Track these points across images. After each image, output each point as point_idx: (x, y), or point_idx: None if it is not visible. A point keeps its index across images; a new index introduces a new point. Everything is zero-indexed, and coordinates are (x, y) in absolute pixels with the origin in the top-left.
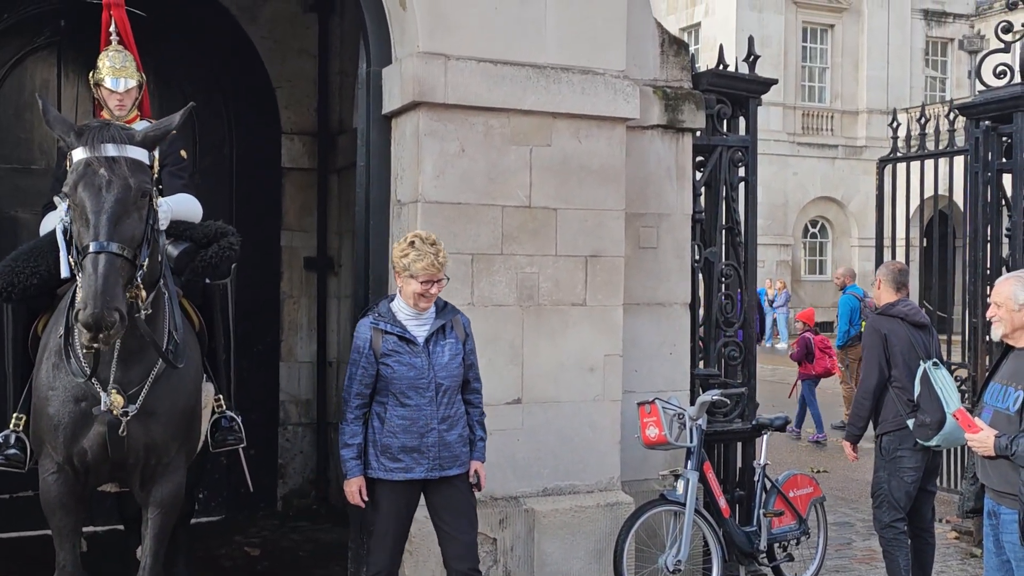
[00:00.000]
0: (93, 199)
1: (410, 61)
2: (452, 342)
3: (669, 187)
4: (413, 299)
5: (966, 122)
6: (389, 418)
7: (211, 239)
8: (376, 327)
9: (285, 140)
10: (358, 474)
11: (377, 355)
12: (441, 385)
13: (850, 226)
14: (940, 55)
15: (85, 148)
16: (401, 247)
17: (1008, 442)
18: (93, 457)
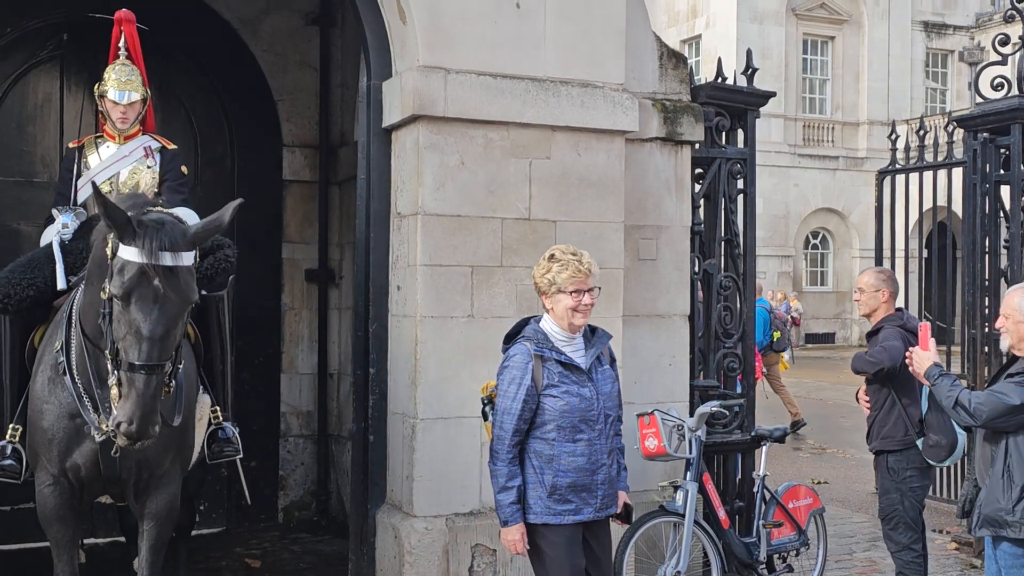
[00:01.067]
0: (145, 313)
1: (410, 75)
2: (608, 368)
3: (668, 199)
4: (567, 316)
5: (964, 134)
6: (558, 455)
7: (207, 251)
8: (539, 354)
9: (286, 152)
10: (519, 520)
11: (539, 386)
12: (608, 416)
13: (851, 237)
14: (940, 67)
15: (141, 252)
16: (541, 265)
17: (938, 375)
18: (87, 473)
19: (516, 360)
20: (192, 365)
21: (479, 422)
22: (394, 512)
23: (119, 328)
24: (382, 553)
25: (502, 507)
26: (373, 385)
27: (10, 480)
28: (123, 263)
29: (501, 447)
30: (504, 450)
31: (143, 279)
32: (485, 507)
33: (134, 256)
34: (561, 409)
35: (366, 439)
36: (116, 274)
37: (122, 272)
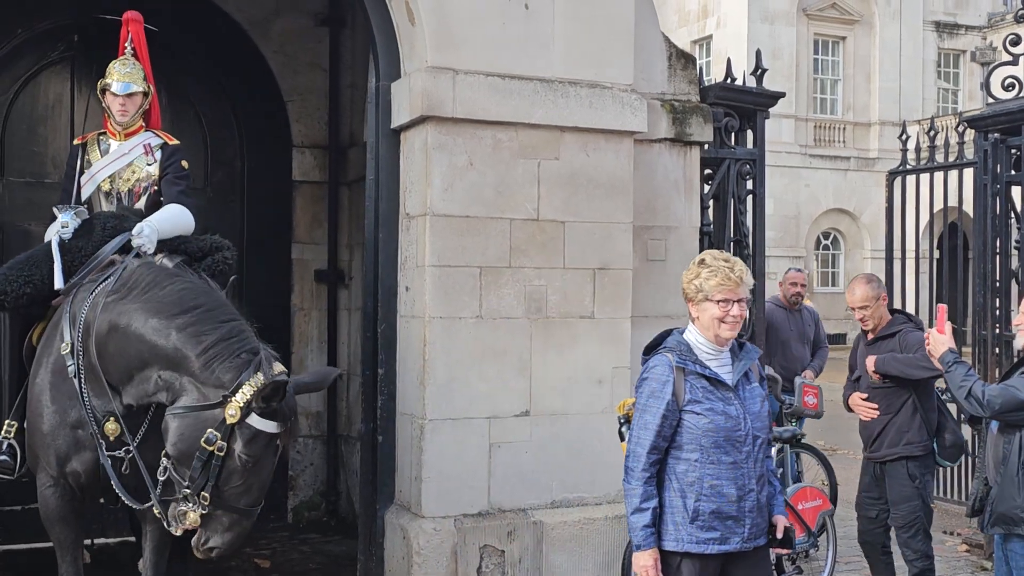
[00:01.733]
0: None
1: (419, 76)
2: (756, 386)
3: (677, 200)
4: (713, 327)
5: (975, 134)
6: (701, 478)
7: (206, 253)
8: (681, 367)
9: (296, 153)
10: (652, 545)
11: (680, 401)
12: (757, 438)
13: (863, 238)
14: (952, 67)
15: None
16: (689, 271)
17: (953, 361)
18: (87, 480)
19: (656, 372)
20: None
21: (487, 423)
22: (403, 513)
23: (231, 479)
24: (391, 554)
25: (634, 529)
26: (382, 386)
27: (4, 476)
28: (255, 433)
29: (636, 464)
30: (639, 468)
31: (270, 446)
32: (493, 508)
33: (272, 428)
34: (704, 427)
35: (375, 440)
36: (244, 442)
37: (251, 441)
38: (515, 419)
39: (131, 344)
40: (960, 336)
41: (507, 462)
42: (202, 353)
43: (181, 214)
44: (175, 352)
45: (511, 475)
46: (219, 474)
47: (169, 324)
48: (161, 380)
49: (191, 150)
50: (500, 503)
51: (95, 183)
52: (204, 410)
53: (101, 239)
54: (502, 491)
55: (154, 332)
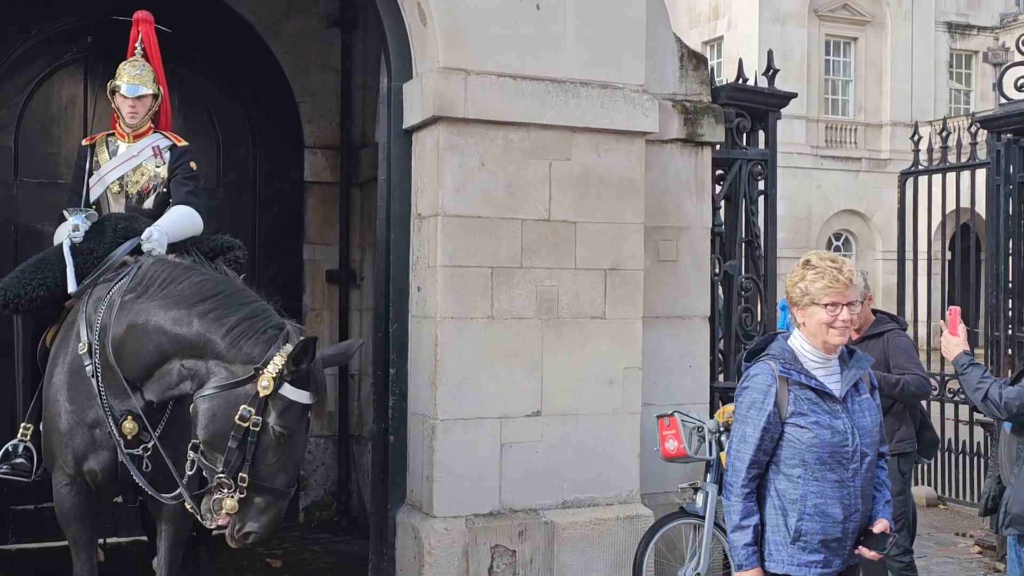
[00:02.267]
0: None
1: (430, 76)
2: (867, 397)
3: (688, 200)
4: (820, 333)
5: (988, 135)
6: (804, 496)
7: (216, 253)
8: (784, 376)
9: (308, 154)
10: (755, 564)
11: (783, 413)
12: (866, 455)
13: (874, 239)
14: (964, 67)
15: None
16: (795, 272)
17: (968, 363)
18: (104, 479)
19: (757, 381)
20: None
21: (499, 423)
22: (414, 512)
23: (266, 456)
24: (402, 553)
25: (735, 548)
26: (393, 386)
27: (21, 478)
28: (289, 403)
29: (736, 480)
30: (739, 483)
31: (304, 417)
32: (505, 508)
33: (305, 399)
34: (808, 442)
35: (386, 439)
36: (279, 413)
37: (285, 412)
38: (526, 419)
39: (150, 339)
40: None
41: (518, 462)
42: (227, 333)
43: (190, 216)
44: (198, 338)
45: (522, 475)
46: (254, 452)
47: (190, 313)
48: (184, 369)
49: (203, 151)
50: (511, 503)
51: (104, 185)
52: (235, 387)
53: (112, 241)
54: (513, 491)
55: (175, 323)
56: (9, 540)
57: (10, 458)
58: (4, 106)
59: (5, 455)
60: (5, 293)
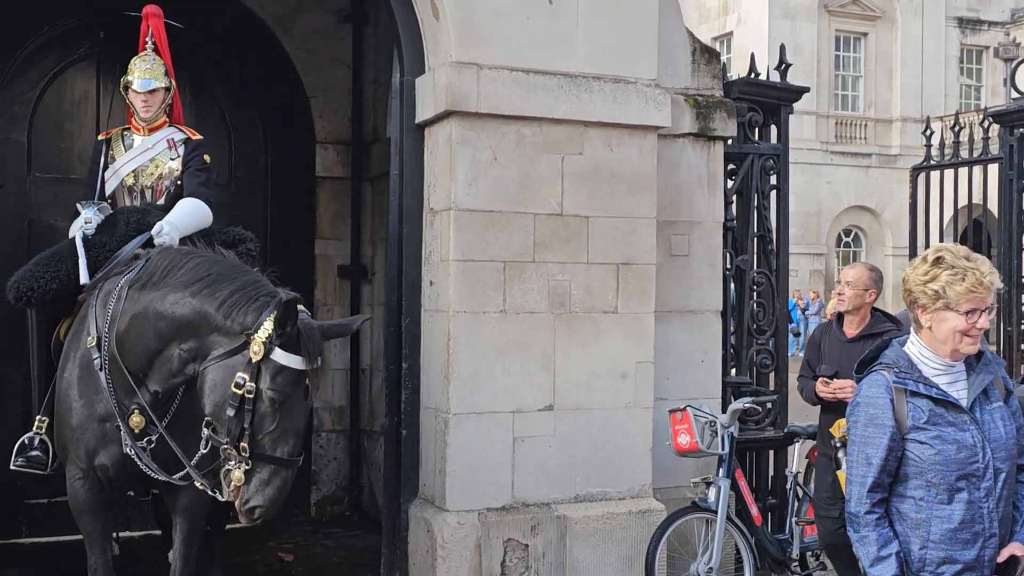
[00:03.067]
0: (297, 413)
1: (443, 70)
2: (999, 405)
3: (700, 195)
4: (951, 341)
5: (1000, 130)
6: (928, 520)
7: (228, 245)
8: (901, 387)
9: (319, 149)
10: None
11: (903, 428)
12: (1000, 472)
13: (884, 235)
14: (975, 63)
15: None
16: (922, 269)
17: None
18: (115, 472)
19: (871, 396)
20: None
21: (511, 417)
22: (427, 506)
23: (263, 423)
24: (415, 547)
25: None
26: (406, 380)
27: (37, 471)
28: (280, 367)
29: (860, 508)
30: (863, 511)
31: (299, 383)
32: (517, 502)
33: (297, 364)
34: (931, 460)
35: (399, 434)
36: (271, 377)
37: (277, 377)
38: (539, 413)
39: (150, 326)
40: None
41: (531, 456)
42: (220, 305)
43: (199, 208)
44: (194, 315)
45: (535, 469)
46: (252, 419)
47: (185, 294)
48: (184, 352)
49: (215, 147)
50: (524, 497)
51: (119, 178)
52: (232, 355)
53: (125, 234)
54: (526, 485)
55: (172, 306)
56: (23, 534)
57: (26, 451)
58: (17, 102)
59: (21, 448)
60: (19, 286)
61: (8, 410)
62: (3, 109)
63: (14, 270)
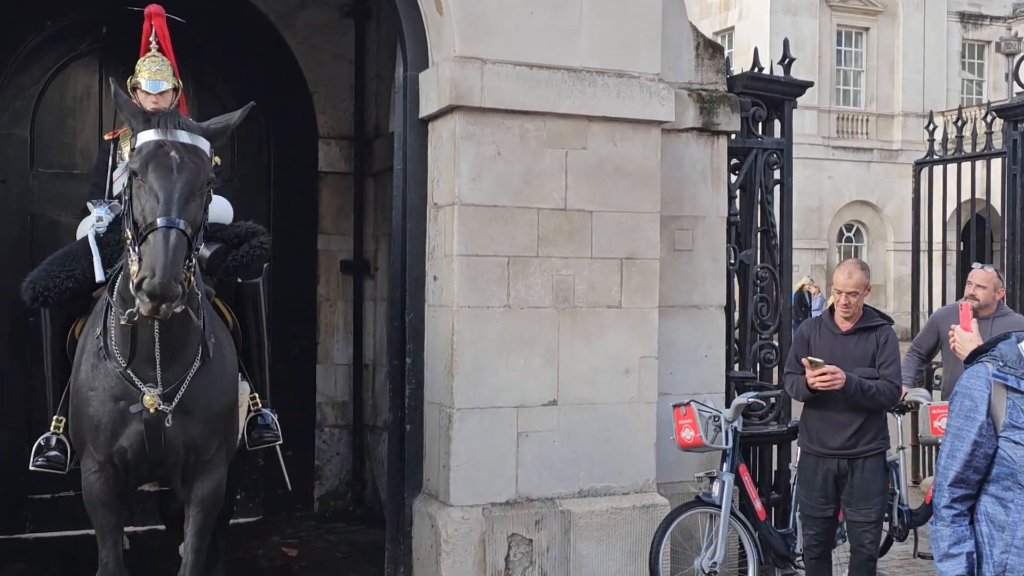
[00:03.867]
0: (164, 179)
1: (447, 65)
2: None
3: (704, 190)
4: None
5: (1003, 124)
6: (1015, 525)
7: (242, 239)
8: (1001, 381)
9: (322, 144)
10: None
11: (997, 425)
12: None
13: (885, 230)
14: (977, 58)
15: (158, 131)
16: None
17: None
18: (133, 455)
19: (970, 386)
20: (233, 351)
21: (515, 412)
22: (431, 501)
23: (138, 202)
24: (419, 542)
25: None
26: (410, 375)
27: (55, 471)
28: (141, 144)
29: (940, 499)
30: (942, 504)
31: (160, 151)
32: (521, 497)
33: (152, 136)
34: (1022, 462)
35: (402, 429)
36: (136, 155)
37: (140, 151)
38: (543, 408)
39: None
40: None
41: (535, 451)
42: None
43: (222, 203)
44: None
45: (539, 464)
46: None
47: None
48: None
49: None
50: (528, 492)
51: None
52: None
53: None
54: (530, 480)
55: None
56: (27, 529)
57: (43, 451)
58: (20, 97)
59: (39, 449)
60: (35, 286)
61: (12, 408)
62: (5, 105)
63: (18, 265)
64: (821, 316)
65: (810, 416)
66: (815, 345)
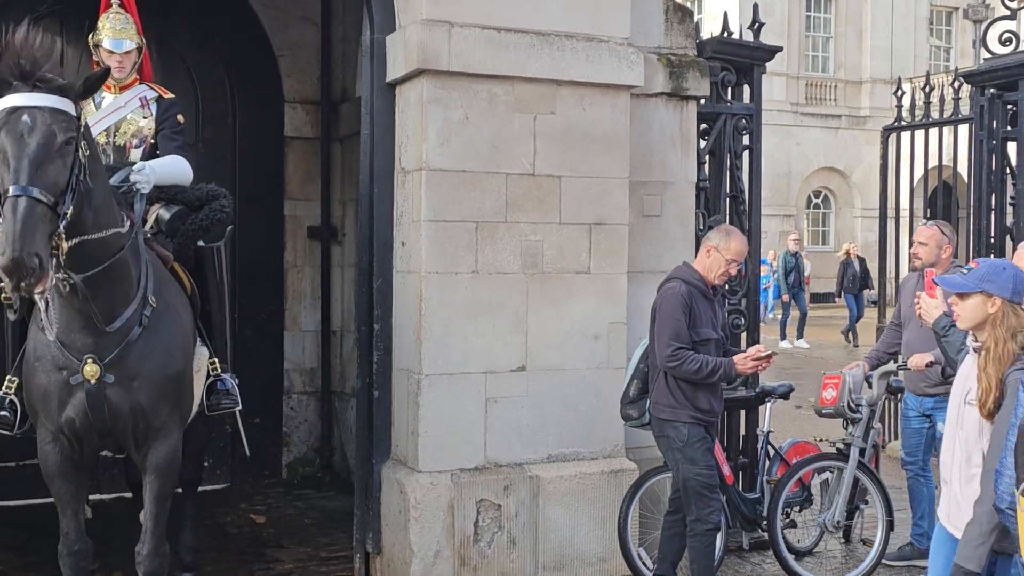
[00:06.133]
0: (15, 144)
1: (414, 28)
2: None
3: (673, 155)
4: None
5: (971, 90)
6: None
7: (202, 202)
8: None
9: (288, 109)
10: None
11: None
12: None
13: (853, 196)
14: (945, 24)
15: (16, 96)
16: None
17: (948, 325)
18: (81, 425)
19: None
20: (188, 316)
21: (484, 378)
22: (399, 467)
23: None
24: (387, 508)
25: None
26: (378, 341)
27: (5, 432)
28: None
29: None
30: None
31: (12, 117)
32: (490, 462)
33: (9, 101)
34: None
35: (371, 395)
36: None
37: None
38: (511, 374)
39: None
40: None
41: (503, 417)
42: None
43: (180, 163)
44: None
45: (507, 430)
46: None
47: None
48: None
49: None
50: (496, 458)
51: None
52: None
53: None
54: (498, 446)
55: None
56: None
57: None
58: None
59: None
60: None
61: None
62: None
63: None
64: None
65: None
66: (697, 312)
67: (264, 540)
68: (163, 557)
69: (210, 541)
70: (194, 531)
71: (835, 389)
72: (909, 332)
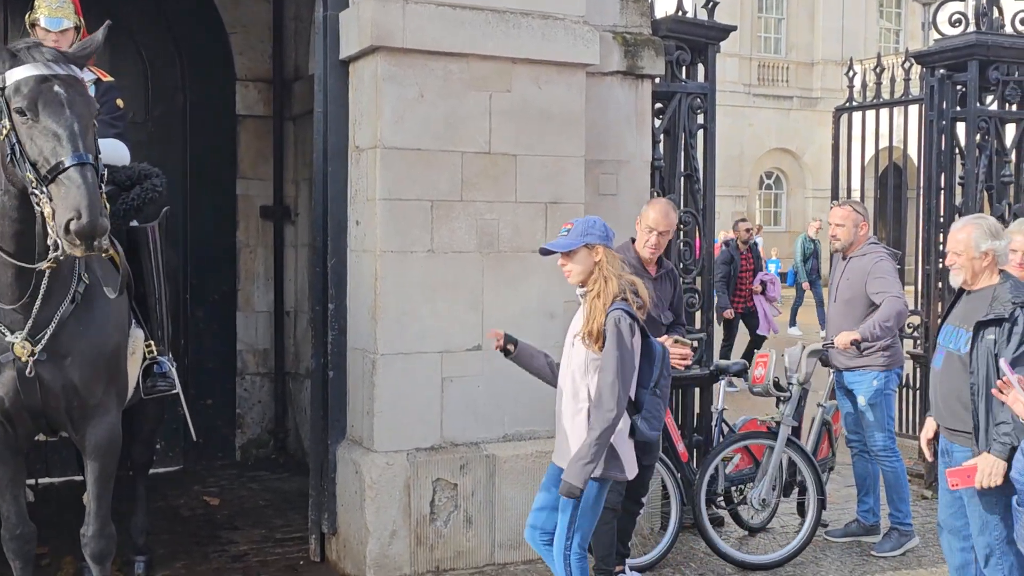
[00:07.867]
0: (58, 115)
1: (368, 5)
2: None
3: (628, 134)
4: None
5: (922, 71)
6: None
7: (135, 181)
8: None
9: (240, 87)
10: None
11: None
12: None
13: (804, 177)
14: (895, 7)
15: (34, 65)
16: None
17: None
18: (11, 404)
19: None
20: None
21: (439, 357)
22: (355, 448)
23: (35, 145)
24: (343, 488)
25: None
26: (332, 321)
27: None
28: (18, 82)
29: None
30: None
31: (45, 87)
32: (446, 442)
33: (28, 71)
34: None
35: (325, 375)
36: (15, 94)
37: (20, 89)
38: (467, 353)
39: None
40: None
41: (459, 396)
42: None
43: (116, 145)
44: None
45: (463, 409)
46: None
47: None
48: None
49: (130, 83)
50: (453, 437)
51: None
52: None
53: None
54: (454, 425)
55: None
56: None
57: None
58: None
59: None
60: None
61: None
62: None
63: None
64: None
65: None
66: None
67: (218, 522)
68: (109, 538)
69: (163, 524)
70: (146, 514)
71: (764, 368)
72: (833, 310)
